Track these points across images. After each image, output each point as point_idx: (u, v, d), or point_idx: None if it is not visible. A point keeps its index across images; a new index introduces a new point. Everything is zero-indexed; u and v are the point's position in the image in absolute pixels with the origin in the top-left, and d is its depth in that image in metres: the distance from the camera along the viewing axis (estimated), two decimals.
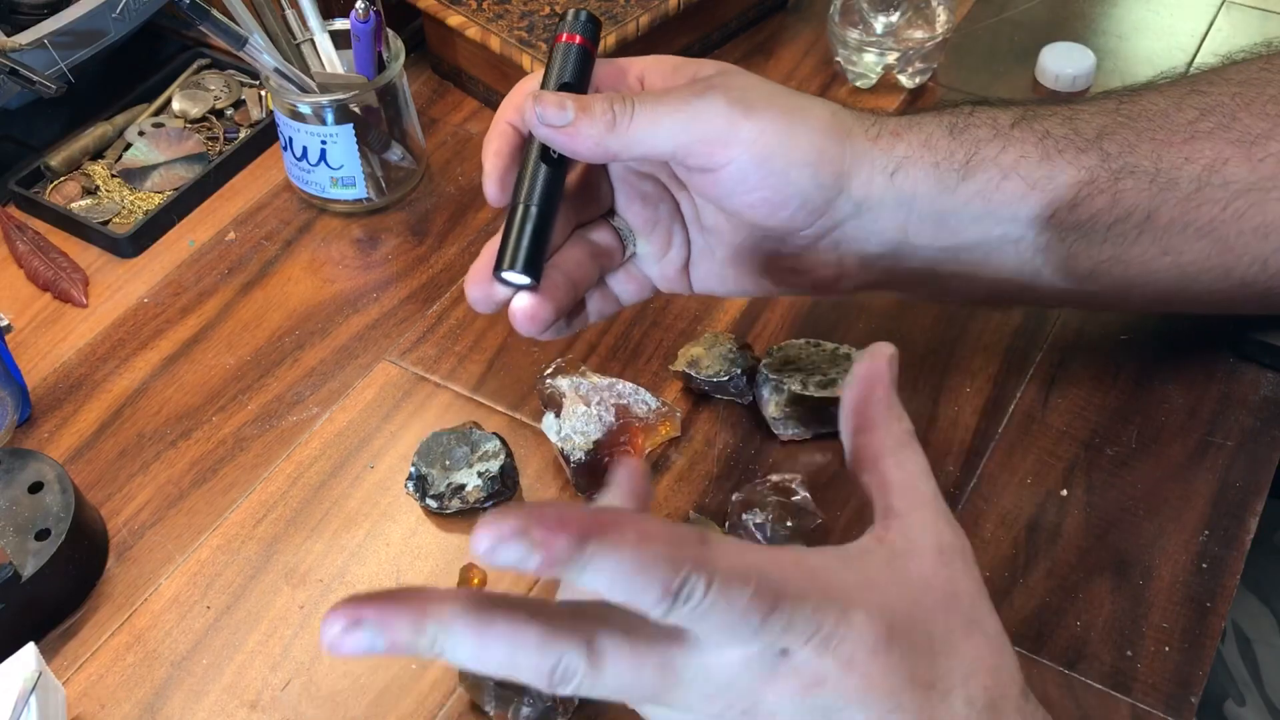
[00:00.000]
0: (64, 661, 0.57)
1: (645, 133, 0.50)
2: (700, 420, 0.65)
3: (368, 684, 0.56)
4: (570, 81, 0.52)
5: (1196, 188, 0.54)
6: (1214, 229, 0.55)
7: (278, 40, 0.73)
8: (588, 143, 0.50)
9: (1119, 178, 0.54)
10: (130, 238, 0.76)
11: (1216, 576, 0.58)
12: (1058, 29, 0.88)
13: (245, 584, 0.60)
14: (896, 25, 0.81)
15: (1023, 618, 0.57)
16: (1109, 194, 0.54)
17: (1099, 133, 0.54)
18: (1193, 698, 0.54)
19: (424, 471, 0.62)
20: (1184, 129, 0.55)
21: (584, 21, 0.53)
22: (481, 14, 0.81)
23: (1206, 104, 0.55)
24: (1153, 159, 0.54)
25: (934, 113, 0.55)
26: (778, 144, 0.51)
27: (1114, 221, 0.54)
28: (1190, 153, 0.54)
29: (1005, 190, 0.53)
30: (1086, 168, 0.54)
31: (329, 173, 0.75)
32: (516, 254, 0.50)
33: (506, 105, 0.54)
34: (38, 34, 0.75)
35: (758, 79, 0.53)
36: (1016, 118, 0.55)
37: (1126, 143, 0.54)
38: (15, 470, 0.60)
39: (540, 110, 0.50)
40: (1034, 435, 0.64)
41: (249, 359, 0.70)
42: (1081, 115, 0.55)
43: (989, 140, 0.54)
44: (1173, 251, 0.55)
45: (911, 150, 0.53)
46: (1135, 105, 0.56)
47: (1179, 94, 0.56)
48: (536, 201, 0.51)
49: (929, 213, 0.54)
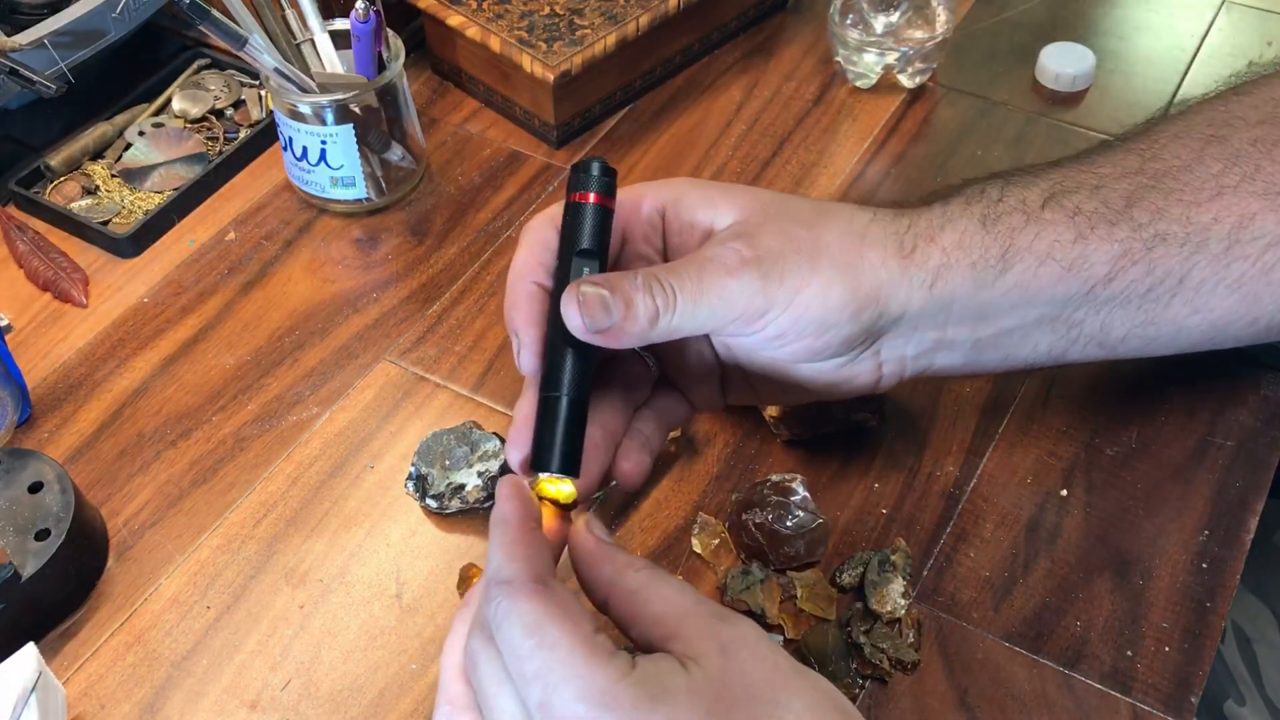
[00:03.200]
0: (64, 661, 0.57)
1: (685, 321, 0.49)
2: (700, 420, 0.65)
3: (368, 684, 0.56)
4: (591, 249, 0.49)
5: (1227, 246, 0.54)
6: (1244, 283, 0.55)
7: (278, 40, 0.73)
8: (630, 339, 0.48)
9: (1152, 246, 0.54)
10: (130, 238, 0.76)
11: (1216, 576, 0.58)
12: (1058, 29, 0.88)
13: (245, 584, 0.60)
14: (896, 25, 0.81)
15: (1023, 618, 0.57)
16: (1143, 264, 0.54)
17: (1127, 201, 0.54)
18: (1193, 697, 0.54)
19: (424, 471, 0.62)
20: (1210, 184, 0.54)
21: (600, 178, 0.50)
22: (481, 14, 0.81)
23: (1228, 154, 0.55)
24: (1183, 222, 0.54)
25: (962, 202, 0.54)
26: (813, 302, 0.50)
27: (1148, 289, 0.54)
28: (1219, 211, 0.54)
29: (1042, 276, 0.53)
30: (1120, 240, 0.53)
31: (329, 173, 0.75)
32: (553, 454, 0.48)
33: (526, 263, 0.51)
34: (38, 34, 0.75)
35: (779, 212, 0.51)
36: (1045, 196, 0.54)
37: (1156, 208, 0.54)
38: (15, 470, 0.60)
39: (587, 319, 0.47)
40: (1034, 435, 0.64)
41: (249, 359, 0.70)
42: (1108, 183, 0.54)
43: (1022, 228, 0.53)
44: (1203, 310, 0.55)
45: (947, 256, 0.52)
46: (1159, 162, 0.55)
47: (1198, 143, 0.55)
48: (568, 391, 0.48)
49: (968, 310, 0.53)
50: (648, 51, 0.83)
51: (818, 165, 0.79)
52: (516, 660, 0.41)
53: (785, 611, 0.57)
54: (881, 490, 0.62)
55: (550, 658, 0.40)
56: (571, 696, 0.39)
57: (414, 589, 0.59)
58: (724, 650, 0.42)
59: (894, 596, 0.55)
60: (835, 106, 0.84)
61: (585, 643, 0.40)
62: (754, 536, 0.58)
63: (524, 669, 0.40)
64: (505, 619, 0.41)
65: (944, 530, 0.60)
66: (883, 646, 0.55)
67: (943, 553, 0.59)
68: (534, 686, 0.40)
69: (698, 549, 0.59)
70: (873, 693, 0.54)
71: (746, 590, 0.57)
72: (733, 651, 0.42)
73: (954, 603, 0.57)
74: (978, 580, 0.58)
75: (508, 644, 0.41)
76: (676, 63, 0.86)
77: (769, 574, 0.57)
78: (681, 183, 0.54)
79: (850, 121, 0.82)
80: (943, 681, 0.55)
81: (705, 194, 0.53)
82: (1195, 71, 0.85)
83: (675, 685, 0.40)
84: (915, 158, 0.80)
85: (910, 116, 0.83)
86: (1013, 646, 0.56)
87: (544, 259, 0.51)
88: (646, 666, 0.40)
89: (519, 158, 0.81)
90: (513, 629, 0.41)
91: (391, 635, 0.58)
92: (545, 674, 0.40)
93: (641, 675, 0.40)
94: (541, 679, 0.40)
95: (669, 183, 0.54)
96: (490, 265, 0.74)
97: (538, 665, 0.40)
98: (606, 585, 0.45)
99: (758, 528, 0.58)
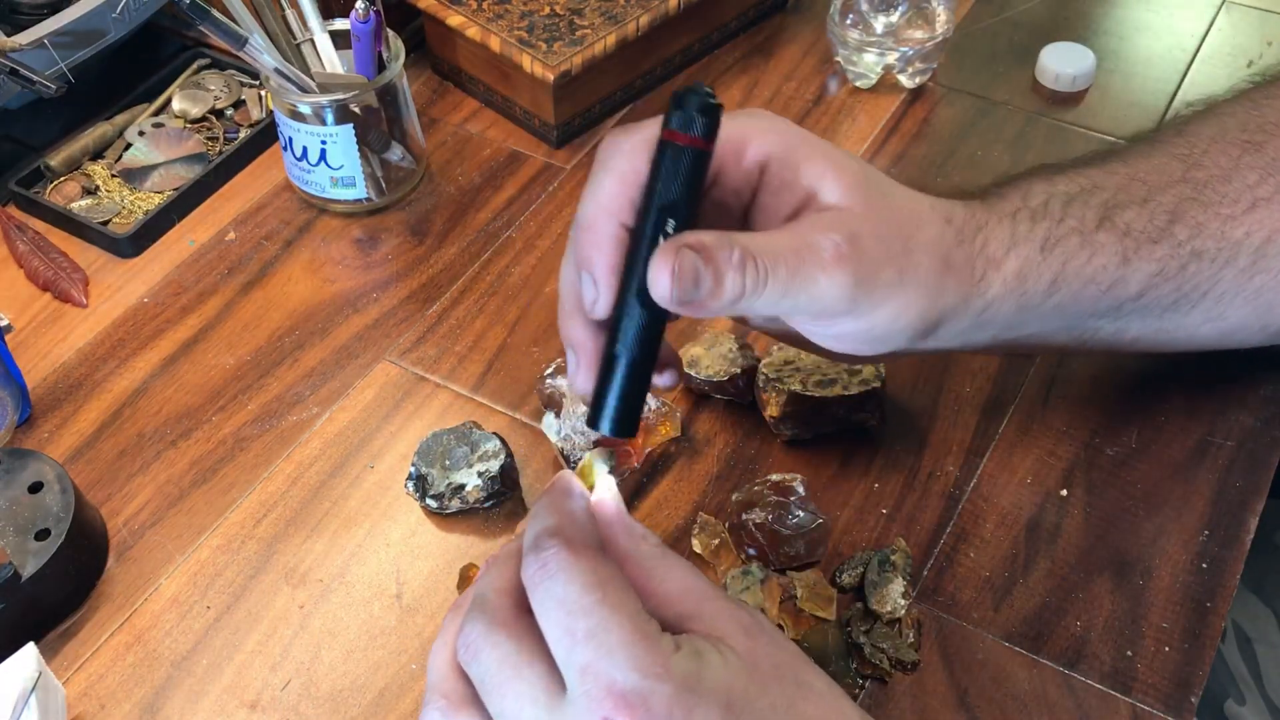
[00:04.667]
0: (64, 661, 0.57)
1: (766, 305, 0.46)
2: (700, 420, 0.65)
3: (368, 684, 0.56)
4: (681, 202, 0.44)
5: (1253, 260, 0.55)
6: (1262, 294, 0.56)
7: (278, 40, 0.73)
8: (708, 312, 0.45)
9: (1186, 264, 0.54)
10: (130, 238, 0.76)
11: (1216, 576, 0.58)
12: (1058, 29, 0.88)
13: (245, 584, 0.60)
14: (896, 25, 0.81)
15: (1023, 618, 0.57)
16: (1175, 280, 0.55)
17: (1171, 216, 0.54)
18: (1193, 697, 0.54)
19: (424, 471, 0.62)
20: (1246, 196, 0.55)
21: (703, 117, 0.44)
22: (481, 14, 0.81)
23: (1264, 163, 0.55)
24: (1218, 238, 0.54)
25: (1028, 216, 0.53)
26: (885, 318, 0.49)
27: (1174, 302, 0.55)
28: (1252, 224, 0.54)
29: (1081, 298, 0.54)
30: (1158, 259, 0.54)
31: (329, 173, 0.75)
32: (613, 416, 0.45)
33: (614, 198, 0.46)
34: (38, 34, 0.75)
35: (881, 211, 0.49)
36: (1101, 215, 0.54)
37: (1196, 223, 0.54)
38: (15, 470, 0.60)
39: (676, 289, 0.44)
40: (1034, 435, 0.64)
41: (249, 359, 0.70)
42: (1155, 194, 0.55)
43: (1076, 252, 0.53)
44: (1219, 319, 0.56)
45: (1005, 286, 0.52)
46: (1200, 170, 0.55)
47: (1236, 150, 0.56)
48: (635, 350, 0.45)
49: (1003, 324, 0.54)
50: (648, 51, 0.83)
51: None
52: (569, 616, 0.39)
53: (785, 611, 0.57)
54: (881, 490, 0.62)
55: (610, 620, 0.39)
56: (626, 664, 0.38)
57: (414, 589, 0.59)
58: (747, 632, 0.42)
59: (894, 596, 0.56)
60: (835, 106, 0.84)
61: (643, 615, 0.40)
62: (754, 536, 0.58)
63: (576, 626, 0.39)
64: (563, 571, 0.40)
65: (944, 530, 0.60)
66: (883, 646, 0.55)
67: (943, 553, 0.59)
68: (584, 647, 0.39)
69: (698, 549, 0.59)
70: (873, 693, 0.54)
71: (746, 590, 0.57)
72: (755, 634, 0.42)
73: (954, 603, 0.57)
74: (978, 580, 0.58)
75: (563, 597, 0.39)
76: (676, 63, 0.86)
77: (769, 574, 0.57)
78: (791, 134, 0.50)
79: (850, 121, 0.82)
80: (943, 681, 0.55)
81: (815, 158, 0.49)
82: (1195, 71, 0.85)
83: (714, 664, 0.40)
84: (915, 158, 0.80)
85: (910, 116, 0.83)
86: (1013, 646, 0.56)
87: (633, 195, 0.46)
88: (688, 648, 0.40)
89: (519, 158, 0.81)
90: (572, 583, 0.39)
91: (391, 635, 0.58)
92: (602, 635, 0.39)
93: (688, 653, 0.40)
94: (596, 640, 0.39)
95: (777, 129, 0.49)
96: (490, 265, 0.74)
97: (594, 624, 0.39)
98: (622, 553, 0.44)
99: (758, 528, 0.58)
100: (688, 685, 0.39)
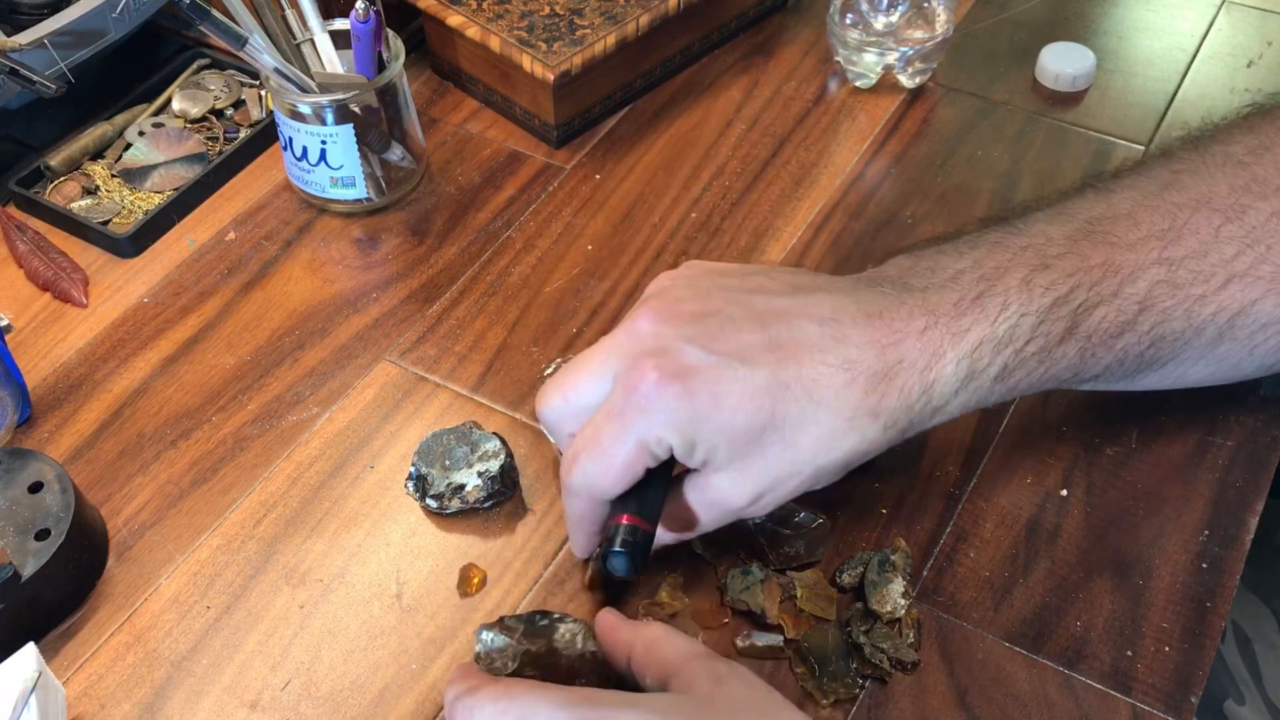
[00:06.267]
0: (64, 661, 0.57)
1: None
2: None
3: (368, 684, 0.56)
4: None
5: (1220, 334, 0.54)
6: (1227, 358, 0.56)
7: (278, 40, 0.73)
8: None
9: (1146, 350, 0.55)
10: (130, 238, 0.76)
11: (1216, 576, 0.58)
12: (1058, 29, 0.88)
13: (245, 584, 0.60)
14: (896, 25, 0.81)
15: (1023, 618, 0.57)
16: (1135, 363, 0.55)
17: (1141, 306, 0.54)
18: (1193, 697, 0.54)
19: (424, 471, 0.62)
20: (1221, 271, 0.54)
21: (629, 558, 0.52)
22: (481, 14, 0.81)
23: (1244, 234, 0.54)
24: (1184, 320, 0.54)
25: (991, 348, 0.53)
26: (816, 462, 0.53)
27: (1135, 371, 0.56)
28: (1224, 300, 0.54)
29: (1036, 388, 0.55)
30: (1118, 351, 0.54)
31: (329, 173, 0.75)
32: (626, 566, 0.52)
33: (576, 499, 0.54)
34: (38, 34, 0.75)
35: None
36: (1068, 326, 0.53)
37: (1163, 311, 0.54)
38: (15, 470, 0.60)
39: None
40: (1034, 435, 0.64)
41: (249, 359, 0.70)
42: (1126, 287, 0.54)
43: (1034, 369, 0.54)
44: (1182, 379, 0.57)
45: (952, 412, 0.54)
46: (1179, 246, 0.54)
47: (1219, 219, 0.54)
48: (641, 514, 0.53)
49: (959, 410, 0.54)
50: (648, 51, 0.83)
51: (818, 165, 0.79)
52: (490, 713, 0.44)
53: (785, 611, 0.57)
54: (881, 490, 0.62)
55: (528, 697, 0.44)
56: (549, 711, 0.43)
57: (414, 589, 0.59)
58: (718, 679, 0.45)
59: (894, 596, 0.55)
60: (835, 106, 0.84)
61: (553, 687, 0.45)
62: (754, 536, 0.58)
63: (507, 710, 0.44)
64: (477, 707, 0.45)
65: (944, 530, 0.60)
66: (883, 646, 0.55)
67: (943, 553, 0.59)
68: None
69: (697, 550, 0.59)
70: (873, 693, 0.54)
71: (746, 590, 0.57)
72: (726, 679, 0.45)
73: (954, 603, 0.57)
74: (978, 580, 0.58)
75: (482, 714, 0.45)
76: (676, 63, 0.86)
77: (769, 574, 0.57)
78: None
79: (850, 121, 0.82)
80: (943, 681, 0.55)
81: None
82: (1195, 71, 0.85)
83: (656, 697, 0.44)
84: (915, 158, 0.80)
85: (910, 116, 0.83)
86: (1012, 646, 0.56)
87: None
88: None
89: (519, 158, 0.81)
90: (484, 703, 0.44)
91: (391, 635, 0.58)
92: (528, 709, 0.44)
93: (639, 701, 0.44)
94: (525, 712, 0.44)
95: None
96: (490, 265, 0.74)
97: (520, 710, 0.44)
98: (628, 643, 0.49)
99: (758, 528, 0.58)
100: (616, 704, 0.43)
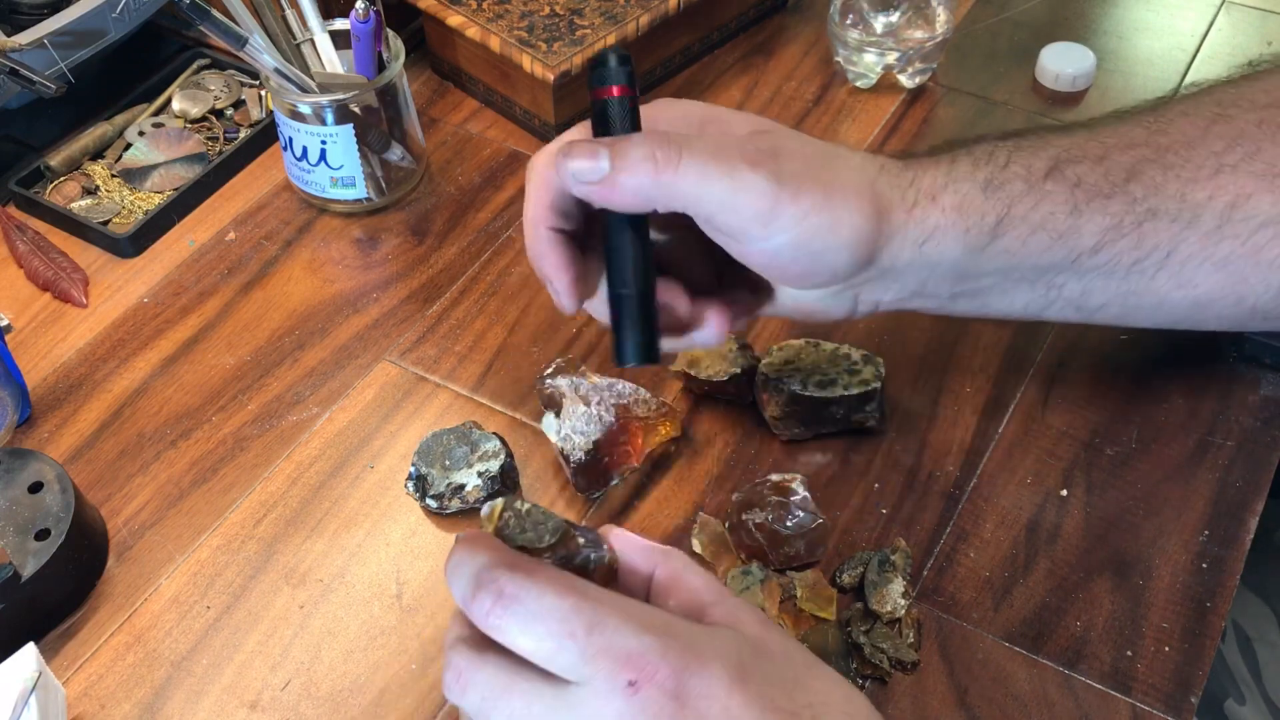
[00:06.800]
0: (64, 661, 0.57)
1: (691, 185, 0.47)
2: (700, 420, 0.65)
3: (368, 684, 0.56)
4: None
5: (1218, 224, 0.54)
6: (1231, 261, 0.55)
7: (278, 40, 0.73)
8: (627, 195, 0.47)
9: (1143, 220, 0.54)
10: (130, 238, 0.76)
11: (1216, 576, 0.58)
12: (1058, 29, 0.88)
13: (245, 584, 0.60)
14: (896, 25, 0.81)
15: (1023, 618, 0.57)
16: (1132, 237, 0.54)
17: (1128, 174, 0.54)
18: (1193, 697, 0.54)
19: (424, 471, 0.62)
20: (1210, 162, 0.54)
21: (618, 68, 0.48)
22: (481, 14, 0.81)
23: (1232, 133, 0.54)
24: (1177, 199, 0.54)
25: (970, 163, 0.53)
26: (818, 229, 0.50)
27: (1134, 262, 0.54)
28: (1215, 189, 0.54)
29: (1031, 244, 0.53)
30: (1112, 214, 0.53)
31: (329, 173, 0.75)
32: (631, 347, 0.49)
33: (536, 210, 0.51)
34: (38, 34, 0.75)
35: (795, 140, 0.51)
36: (1050, 165, 0.54)
37: (1153, 183, 0.54)
38: (15, 470, 0.60)
39: (573, 168, 0.47)
40: (1034, 435, 0.64)
41: (249, 359, 0.70)
42: (1113, 154, 0.54)
43: (1021, 196, 0.53)
44: (1187, 285, 0.55)
45: (944, 218, 0.52)
46: (1164, 136, 0.55)
47: (1205, 121, 0.55)
48: (633, 284, 0.49)
49: (953, 270, 0.53)
50: (648, 51, 0.83)
51: None
52: (561, 623, 0.39)
53: (785, 611, 0.57)
54: (881, 490, 0.62)
55: (601, 609, 0.39)
56: (633, 632, 0.39)
57: (414, 589, 0.59)
58: (762, 623, 0.43)
59: (894, 596, 0.56)
60: (835, 106, 0.84)
61: (625, 598, 0.40)
62: (754, 536, 0.58)
63: (573, 627, 0.39)
64: (527, 590, 0.39)
65: (944, 530, 0.60)
66: (883, 646, 0.55)
67: (943, 553, 0.59)
68: (589, 639, 0.38)
69: (698, 549, 0.59)
70: (873, 693, 0.54)
71: (746, 590, 0.57)
72: (768, 626, 0.43)
73: (954, 603, 0.57)
74: (978, 580, 0.58)
75: (541, 611, 0.39)
76: (676, 63, 0.86)
77: (769, 574, 0.57)
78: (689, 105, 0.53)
79: (850, 121, 0.82)
80: (943, 681, 0.55)
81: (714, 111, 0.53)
82: (1195, 71, 0.85)
83: (725, 635, 0.41)
84: None
85: (910, 116, 0.83)
86: (1012, 646, 0.56)
87: (553, 200, 0.50)
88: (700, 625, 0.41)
89: (519, 158, 0.81)
90: (545, 595, 0.39)
91: (391, 635, 0.58)
92: (602, 620, 0.39)
93: (701, 628, 0.41)
94: (598, 629, 0.39)
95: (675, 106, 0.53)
96: (490, 265, 0.74)
97: (590, 618, 0.39)
98: (657, 559, 0.45)
99: (758, 528, 0.58)
100: (698, 646, 0.39)
